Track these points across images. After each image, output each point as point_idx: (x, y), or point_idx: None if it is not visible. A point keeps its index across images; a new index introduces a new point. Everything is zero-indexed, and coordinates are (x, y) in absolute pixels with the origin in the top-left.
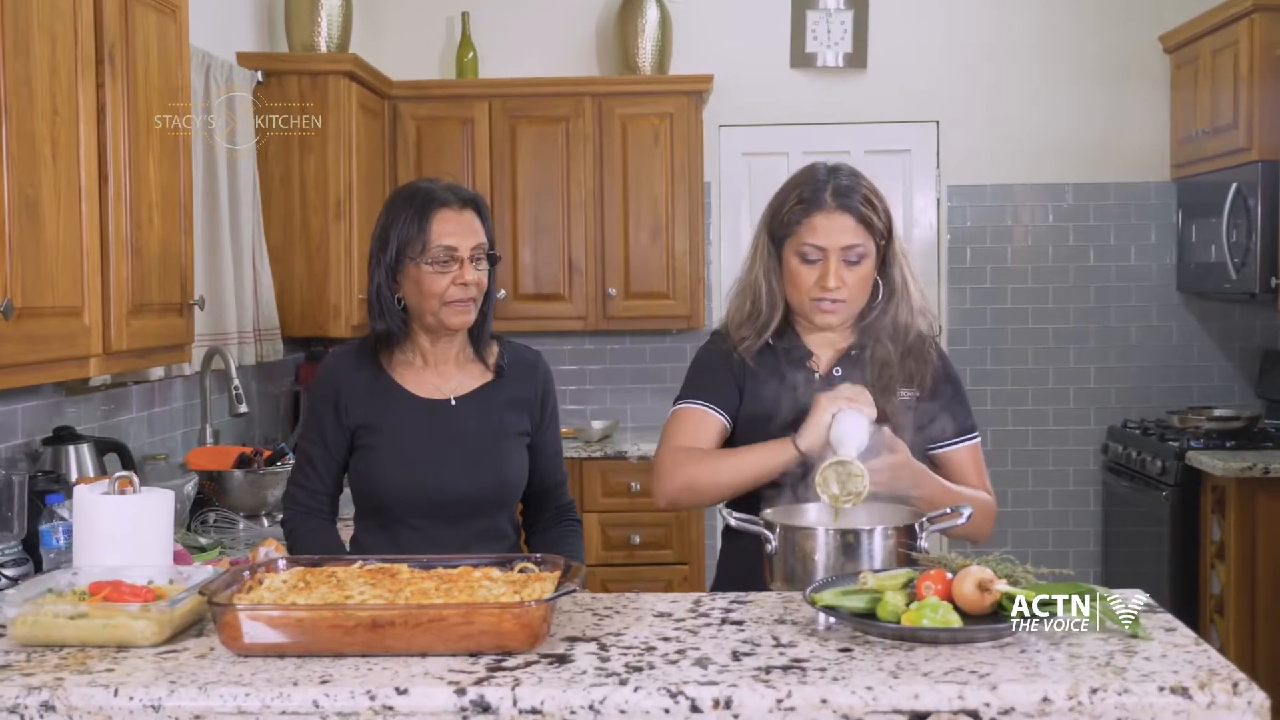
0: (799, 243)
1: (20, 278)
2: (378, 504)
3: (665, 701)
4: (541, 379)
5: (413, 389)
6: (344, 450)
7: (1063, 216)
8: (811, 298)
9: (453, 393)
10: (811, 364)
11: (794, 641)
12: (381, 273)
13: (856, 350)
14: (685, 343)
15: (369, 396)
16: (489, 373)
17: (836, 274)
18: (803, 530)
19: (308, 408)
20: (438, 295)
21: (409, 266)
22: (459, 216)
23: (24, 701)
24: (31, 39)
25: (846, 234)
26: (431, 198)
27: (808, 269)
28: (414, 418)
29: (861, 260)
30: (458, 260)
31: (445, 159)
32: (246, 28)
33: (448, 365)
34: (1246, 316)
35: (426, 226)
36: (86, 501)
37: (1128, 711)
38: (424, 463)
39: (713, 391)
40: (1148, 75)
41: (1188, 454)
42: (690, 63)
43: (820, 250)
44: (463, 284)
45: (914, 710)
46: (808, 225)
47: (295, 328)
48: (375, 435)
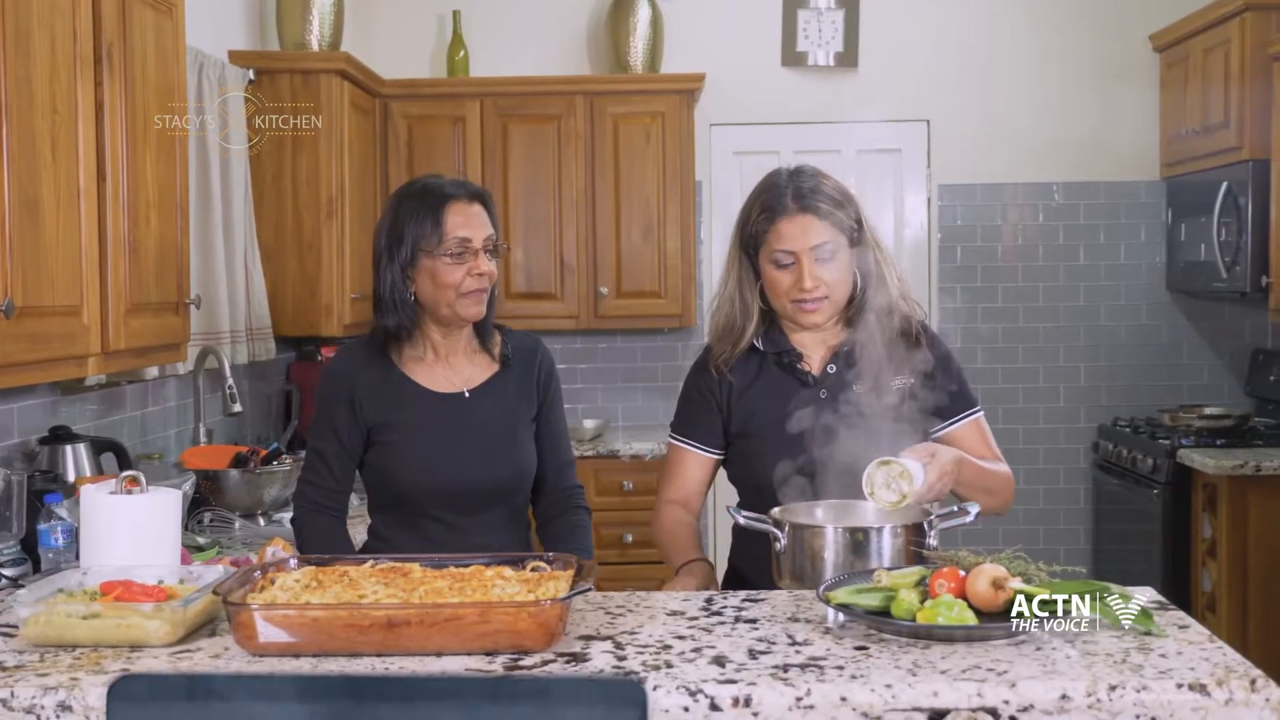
0: (770, 250)
1: (21, 277)
2: (399, 498)
3: (684, 700)
4: (542, 363)
5: (426, 383)
6: (359, 447)
7: (1053, 215)
8: (791, 300)
9: (465, 385)
10: (803, 365)
11: (809, 640)
12: (395, 268)
13: (848, 346)
14: (677, 341)
15: (384, 393)
16: (495, 363)
17: (811, 274)
18: (811, 528)
19: (319, 406)
20: (454, 286)
21: (423, 260)
22: (470, 209)
23: (40, 702)
24: (32, 37)
25: (813, 234)
26: (443, 192)
27: (783, 274)
28: (431, 412)
29: (834, 256)
30: (472, 251)
31: (436, 158)
32: (237, 26)
33: (457, 357)
34: (1235, 315)
35: (441, 220)
36: (94, 501)
37: (1146, 708)
38: (445, 456)
39: (695, 425)
40: (1137, 75)
41: (1179, 452)
42: (681, 62)
43: (791, 254)
44: (478, 274)
45: (933, 708)
46: (774, 232)
47: (287, 327)
48: (394, 431)
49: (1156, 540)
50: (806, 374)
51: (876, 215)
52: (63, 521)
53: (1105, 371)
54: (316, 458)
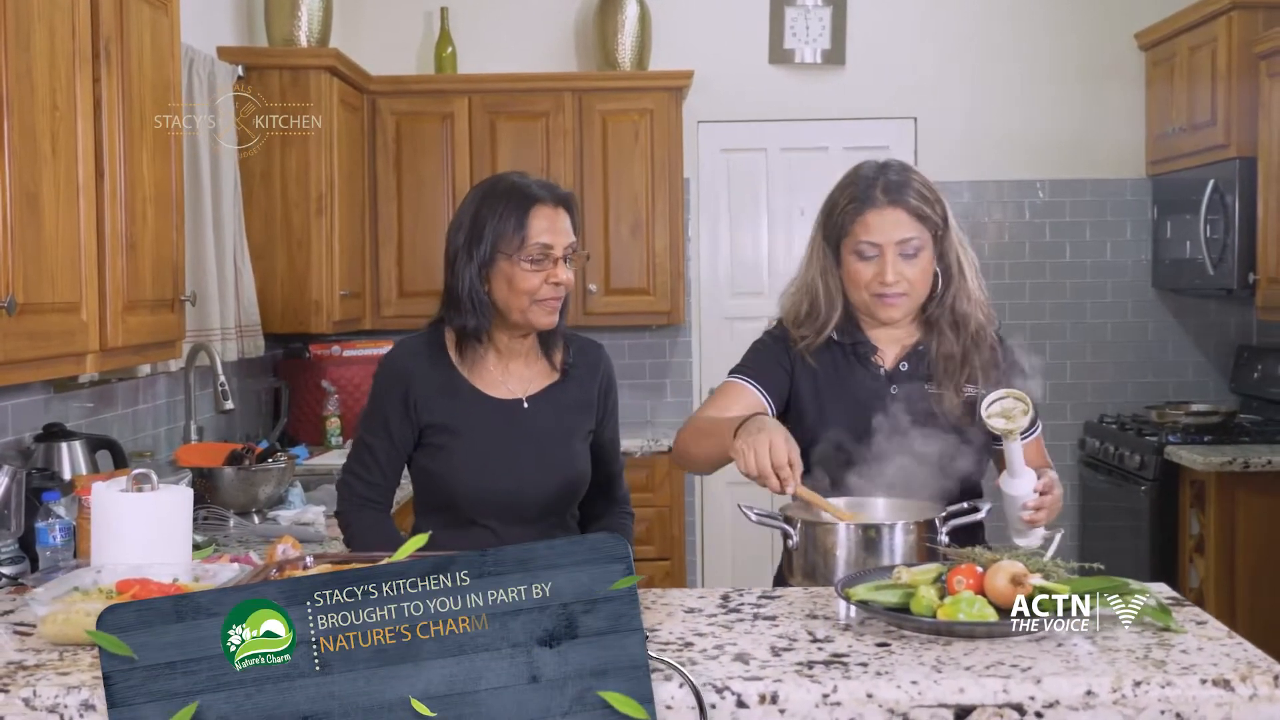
0: (855, 241)
1: (22, 273)
2: (450, 503)
3: (711, 697)
4: (604, 373)
5: (484, 388)
6: (409, 444)
7: (1039, 213)
8: (871, 293)
9: (523, 392)
10: (877, 359)
11: (830, 636)
12: (473, 267)
13: (922, 345)
14: (665, 339)
15: (441, 394)
16: (555, 371)
17: (894, 268)
18: (823, 525)
19: (373, 399)
20: (530, 293)
21: (501, 262)
22: (554, 214)
23: (64, 701)
24: (33, 31)
25: (900, 228)
26: (529, 194)
27: (865, 265)
28: (488, 419)
29: (918, 253)
30: (552, 259)
31: (425, 155)
32: (226, 21)
33: (517, 361)
34: (1221, 312)
35: (525, 223)
36: (105, 499)
37: (1171, 704)
38: (500, 465)
39: (759, 371)
40: (1123, 73)
41: (1166, 449)
42: (669, 59)
43: (876, 246)
44: (555, 283)
45: (959, 704)
46: (861, 223)
47: (276, 324)
48: (449, 435)
49: (1144, 537)
50: (879, 368)
51: None
52: (61, 519)
53: (1091, 369)
54: (365, 451)
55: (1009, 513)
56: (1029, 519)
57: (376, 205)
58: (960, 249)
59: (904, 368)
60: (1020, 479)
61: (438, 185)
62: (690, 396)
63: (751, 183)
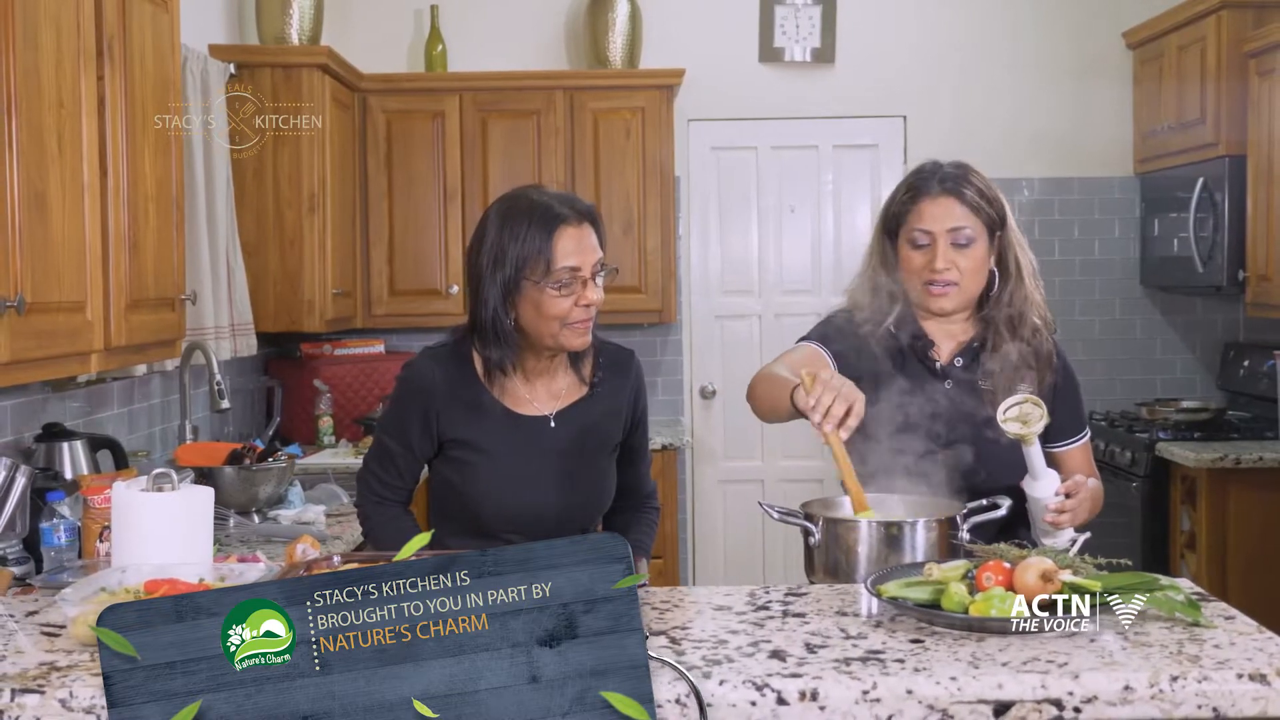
0: (909, 230)
1: (30, 272)
2: (473, 516)
3: (751, 694)
4: (635, 381)
5: (510, 404)
6: (428, 454)
7: (1027, 211)
8: (923, 281)
9: (550, 409)
10: (933, 354)
11: (863, 633)
12: (496, 291)
13: (978, 343)
14: (657, 337)
15: (465, 411)
16: (583, 385)
17: (945, 255)
18: (846, 523)
19: (395, 404)
20: (559, 318)
21: (528, 288)
22: (580, 232)
23: (99, 702)
24: (39, 29)
25: (953, 217)
26: (552, 213)
27: (917, 253)
28: (513, 436)
29: (971, 244)
30: (580, 281)
31: (416, 153)
32: (217, 19)
33: (544, 377)
34: (1209, 310)
35: (549, 246)
36: (127, 500)
37: (1208, 699)
38: (524, 482)
39: (827, 339)
40: (1111, 71)
41: (1158, 445)
42: (660, 57)
43: (928, 234)
44: (585, 305)
45: (998, 700)
46: (915, 211)
47: (269, 322)
48: (472, 451)
49: (1135, 533)
50: (934, 363)
51: (853, 210)
52: (65, 520)
53: (1079, 366)
54: (385, 454)
55: (1034, 514)
56: (1052, 520)
57: (367, 204)
58: (1019, 249)
59: (958, 363)
60: (1042, 481)
61: (429, 184)
62: (681, 395)
63: (742, 181)
